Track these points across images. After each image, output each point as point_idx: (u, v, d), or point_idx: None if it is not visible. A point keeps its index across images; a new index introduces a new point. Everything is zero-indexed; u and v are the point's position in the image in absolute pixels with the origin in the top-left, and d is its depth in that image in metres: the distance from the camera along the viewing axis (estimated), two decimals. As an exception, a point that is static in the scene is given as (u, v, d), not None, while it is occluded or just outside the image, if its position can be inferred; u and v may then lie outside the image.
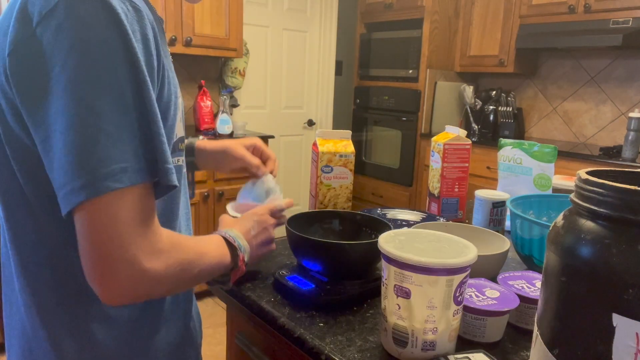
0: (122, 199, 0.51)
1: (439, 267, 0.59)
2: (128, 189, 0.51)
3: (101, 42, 0.50)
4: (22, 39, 0.52)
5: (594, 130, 3.35)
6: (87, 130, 0.49)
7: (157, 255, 0.55)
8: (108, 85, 0.50)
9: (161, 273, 0.55)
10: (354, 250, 0.81)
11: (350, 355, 0.66)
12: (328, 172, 1.15)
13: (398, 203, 3.81)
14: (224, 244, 0.71)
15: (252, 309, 0.81)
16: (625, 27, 2.75)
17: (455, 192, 1.27)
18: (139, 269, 0.53)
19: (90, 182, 0.49)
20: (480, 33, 3.54)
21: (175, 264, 0.57)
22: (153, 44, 0.55)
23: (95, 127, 0.49)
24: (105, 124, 0.50)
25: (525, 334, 0.73)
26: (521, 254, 0.97)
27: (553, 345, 0.46)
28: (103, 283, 0.53)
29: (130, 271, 0.52)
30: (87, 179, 0.49)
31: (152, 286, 0.55)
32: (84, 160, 0.49)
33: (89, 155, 0.49)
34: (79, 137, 0.49)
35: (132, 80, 0.51)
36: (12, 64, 0.53)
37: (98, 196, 0.50)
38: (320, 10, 3.90)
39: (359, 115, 4.13)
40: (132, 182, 0.51)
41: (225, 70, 3.32)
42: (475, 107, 3.63)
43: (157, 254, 0.55)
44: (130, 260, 0.52)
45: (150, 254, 0.54)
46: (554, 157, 1.23)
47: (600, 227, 0.42)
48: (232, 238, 0.73)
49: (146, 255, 0.53)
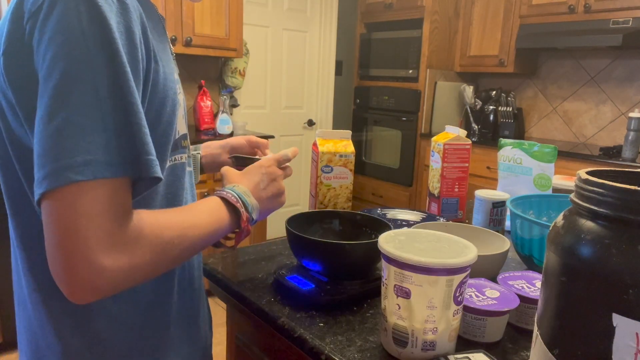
0: (85, 191, 0.49)
1: (439, 267, 0.59)
2: (92, 182, 0.49)
3: (78, 35, 0.50)
4: (14, 37, 0.53)
5: (594, 130, 3.35)
6: (55, 122, 0.49)
7: (120, 248, 0.51)
8: (81, 78, 0.49)
9: (125, 266, 0.52)
10: (354, 250, 0.81)
11: (350, 355, 0.66)
12: (328, 172, 1.15)
13: (398, 203, 3.81)
14: (222, 206, 0.67)
15: (252, 309, 0.81)
16: (625, 27, 2.75)
17: (455, 192, 1.27)
18: (97, 265, 0.50)
19: (52, 172, 0.48)
20: (480, 33, 3.54)
21: (146, 252, 0.54)
22: (139, 37, 0.55)
23: (64, 119, 0.49)
24: (75, 116, 0.49)
25: (525, 334, 0.73)
26: (521, 254, 0.97)
27: (553, 345, 0.46)
28: (63, 279, 0.50)
29: (87, 267, 0.49)
30: (49, 169, 0.48)
31: (117, 281, 0.52)
32: (49, 151, 0.49)
33: (55, 146, 0.48)
34: (49, 128, 0.49)
35: (110, 73, 0.51)
36: (6, 62, 0.54)
37: (59, 187, 0.48)
38: (320, 10, 3.90)
39: (359, 115, 4.13)
40: (96, 176, 0.49)
41: (225, 70, 3.32)
42: (475, 107, 3.63)
43: (121, 247, 0.51)
44: (87, 255, 0.49)
45: (111, 248, 0.50)
46: (554, 157, 1.23)
47: (600, 227, 0.42)
48: (235, 197, 0.69)
49: (106, 250, 0.50)
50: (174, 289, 0.71)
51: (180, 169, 0.69)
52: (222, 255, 1.00)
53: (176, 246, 0.58)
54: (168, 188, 0.67)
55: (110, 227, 0.51)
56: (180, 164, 0.69)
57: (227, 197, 0.68)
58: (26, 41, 0.52)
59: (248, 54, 3.38)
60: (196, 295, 0.77)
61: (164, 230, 0.57)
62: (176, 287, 0.72)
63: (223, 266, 0.94)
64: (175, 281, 0.71)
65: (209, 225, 0.64)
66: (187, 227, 0.60)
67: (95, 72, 0.50)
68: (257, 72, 3.62)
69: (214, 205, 0.66)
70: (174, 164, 0.67)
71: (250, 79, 3.58)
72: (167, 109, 0.62)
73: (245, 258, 0.99)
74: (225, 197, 0.68)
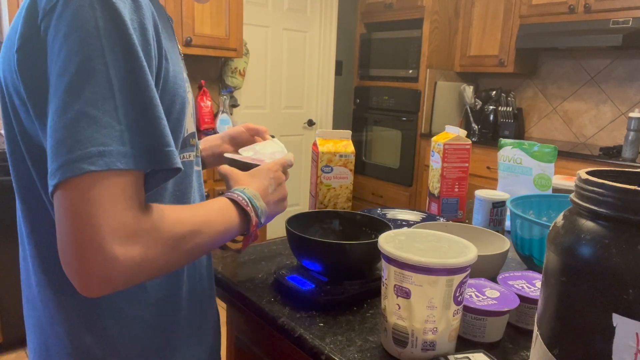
0: (98, 182, 0.49)
1: (439, 267, 0.59)
2: (105, 173, 0.49)
3: (92, 31, 0.50)
4: (28, 35, 0.53)
5: (594, 130, 3.35)
6: (69, 114, 0.49)
7: (133, 239, 0.51)
8: (95, 72, 0.50)
9: (137, 258, 0.51)
10: (354, 250, 0.81)
11: (350, 355, 0.66)
12: (328, 172, 1.15)
13: (398, 203, 3.81)
14: (233, 209, 0.66)
15: (252, 309, 0.81)
16: (625, 27, 2.75)
17: (455, 192, 1.27)
18: (110, 255, 0.49)
19: (65, 164, 0.49)
20: (480, 33, 3.54)
21: (159, 244, 0.54)
22: (152, 34, 0.56)
23: (77, 111, 0.49)
24: (88, 108, 0.49)
25: (525, 334, 0.73)
26: (521, 254, 0.97)
27: (553, 345, 0.46)
28: (75, 269, 0.50)
29: (100, 257, 0.49)
30: (63, 161, 0.49)
31: (129, 273, 0.51)
32: (62, 143, 0.49)
33: (68, 137, 0.49)
34: (62, 120, 0.49)
35: (125, 67, 0.51)
36: (20, 60, 0.54)
37: (72, 177, 0.48)
38: (320, 10, 3.90)
39: (359, 115, 4.13)
40: (110, 167, 0.49)
41: (225, 70, 3.32)
42: (475, 107, 3.63)
43: (134, 238, 0.51)
44: (100, 245, 0.49)
45: (124, 238, 0.50)
46: (554, 157, 1.23)
47: (600, 227, 0.42)
48: (245, 201, 0.67)
49: (119, 240, 0.50)
50: (183, 288, 0.71)
51: (189, 166, 0.70)
52: (222, 255, 1.00)
53: (188, 242, 0.58)
54: (176, 186, 0.68)
55: (123, 217, 0.50)
56: (188, 162, 0.69)
57: (239, 200, 0.67)
58: (41, 39, 0.52)
59: (248, 54, 3.38)
60: (206, 295, 0.77)
61: (176, 224, 0.56)
62: (185, 286, 0.72)
63: (223, 266, 0.94)
64: (185, 280, 0.71)
65: (220, 224, 0.63)
66: (200, 223, 0.60)
67: (109, 66, 0.50)
68: (257, 72, 3.62)
69: (224, 206, 0.66)
70: (182, 161, 0.68)
71: (250, 79, 3.58)
72: (177, 107, 0.62)
73: (245, 258, 0.99)
74: (237, 200, 0.67)
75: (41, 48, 0.52)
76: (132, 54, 0.52)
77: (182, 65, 0.69)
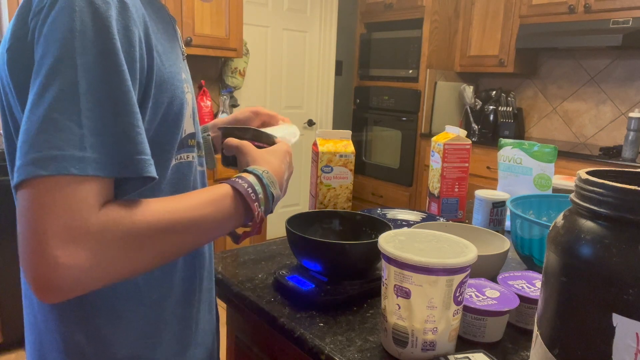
0: (47, 186, 0.48)
1: (439, 267, 0.59)
2: (56, 178, 0.48)
3: (68, 33, 0.50)
4: (18, 35, 0.54)
5: (594, 130, 3.35)
6: (34, 116, 0.49)
7: (79, 243, 0.48)
8: (61, 74, 0.49)
9: (85, 264, 0.48)
10: (354, 250, 0.81)
11: (350, 355, 0.66)
12: (328, 172, 1.15)
13: (398, 203, 3.81)
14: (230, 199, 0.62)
15: (252, 309, 0.81)
16: (625, 27, 2.75)
17: (455, 192, 1.27)
18: (52, 260, 0.47)
19: (21, 166, 0.48)
20: (480, 33, 3.54)
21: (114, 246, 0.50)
22: (138, 37, 0.55)
23: (40, 113, 0.49)
24: (49, 110, 0.49)
25: (525, 334, 0.73)
26: (521, 254, 0.97)
27: (553, 345, 0.46)
28: (25, 275, 0.49)
29: (43, 261, 0.47)
30: (20, 163, 0.49)
31: (77, 278, 0.49)
32: (22, 145, 0.49)
33: (27, 140, 0.49)
34: (27, 122, 0.49)
35: (97, 69, 0.50)
36: (10, 59, 0.55)
37: (24, 179, 0.48)
38: (320, 10, 3.90)
39: (359, 115, 4.13)
40: (60, 172, 0.48)
41: (225, 70, 3.32)
42: (475, 107, 3.63)
43: (80, 242, 0.48)
44: (42, 249, 0.47)
45: (68, 243, 0.48)
46: (554, 157, 1.23)
47: (600, 227, 0.42)
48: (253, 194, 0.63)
49: (62, 245, 0.47)
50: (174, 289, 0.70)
51: (187, 167, 0.69)
52: (222, 255, 1.00)
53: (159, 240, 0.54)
54: (173, 187, 0.67)
55: (69, 222, 0.48)
56: (186, 163, 0.68)
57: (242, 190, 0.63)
58: (29, 39, 0.53)
59: (248, 54, 3.38)
60: (204, 296, 0.77)
61: (144, 222, 0.53)
62: (179, 287, 0.71)
63: (223, 266, 0.94)
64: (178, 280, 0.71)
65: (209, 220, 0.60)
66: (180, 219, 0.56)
67: (79, 68, 0.50)
68: (257, 72, 3.63)
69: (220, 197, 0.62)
70: (179, 162, 0.67)
71: (250, 79, 3.58)
72: (174, 108, 0.62)
73: (245, 258, 0.99)
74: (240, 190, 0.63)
75: (29, 48, 0.52)
76: (108, 57, 0.51)
77: (183, 65, 0.68)
